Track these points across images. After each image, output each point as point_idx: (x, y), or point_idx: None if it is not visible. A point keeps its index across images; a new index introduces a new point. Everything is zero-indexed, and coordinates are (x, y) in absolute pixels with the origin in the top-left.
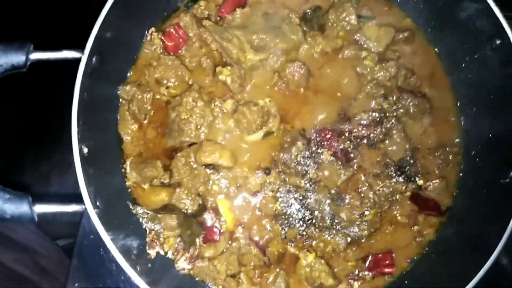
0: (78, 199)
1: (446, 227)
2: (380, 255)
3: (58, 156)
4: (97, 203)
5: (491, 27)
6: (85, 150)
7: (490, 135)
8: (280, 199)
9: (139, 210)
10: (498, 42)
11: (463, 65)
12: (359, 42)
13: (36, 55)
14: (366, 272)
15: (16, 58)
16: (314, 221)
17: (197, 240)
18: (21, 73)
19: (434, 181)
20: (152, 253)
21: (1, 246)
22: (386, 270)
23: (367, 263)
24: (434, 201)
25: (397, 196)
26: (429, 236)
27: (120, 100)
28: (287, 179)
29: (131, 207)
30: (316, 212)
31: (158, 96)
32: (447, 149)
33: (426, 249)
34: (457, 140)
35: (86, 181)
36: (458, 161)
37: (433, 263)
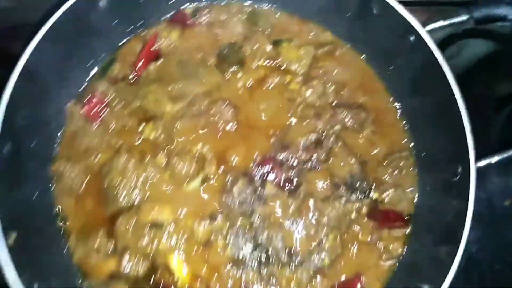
0: None
1: (413, 238)
2: (348, 281)
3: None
4: None
5: (400, 24)
6: (10, 241)
7: (432, 133)
8: (230, 244)
9: (86, 285)
10: (411, 38)
11: (392, 66)
12: (282, 68)
13: None
14: None
15: None
16: (270, 259)
17: None
18: None
19: (389, 191)
20: None
21: None
22: None
23: None
24: (394, 212)
25: (353, 216)
26: (396, 251)
27: (52, 177)
28: (234, 222)
29: (77, 284)
30: (270, 250)
31: (90, 166)
32: (397, 154)
33: (397, 265)
34: (405, 143)
35: (18, 271)
36: (410, 165)
37: (408, 278)
